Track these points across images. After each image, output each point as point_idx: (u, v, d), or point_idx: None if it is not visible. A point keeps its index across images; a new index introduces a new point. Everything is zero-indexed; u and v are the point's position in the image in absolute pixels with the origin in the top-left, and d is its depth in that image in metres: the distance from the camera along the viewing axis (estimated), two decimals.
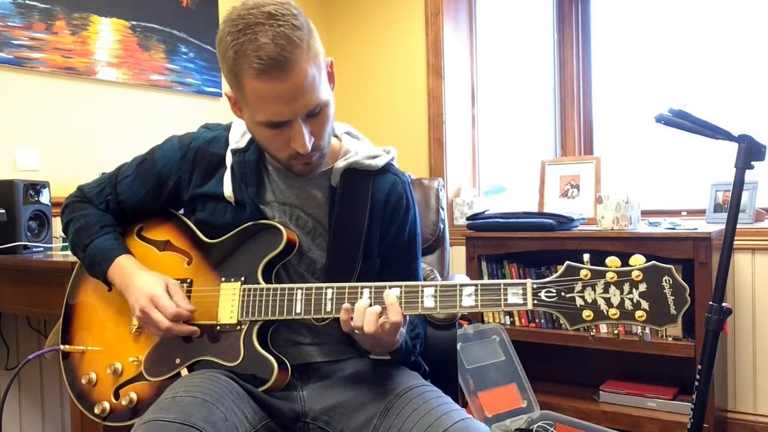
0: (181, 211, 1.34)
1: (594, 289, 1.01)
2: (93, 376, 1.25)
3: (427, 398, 1.12)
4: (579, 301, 1.01)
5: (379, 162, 1.26)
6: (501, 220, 2.62)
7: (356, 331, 1.08)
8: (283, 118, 1.08)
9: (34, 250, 2.03)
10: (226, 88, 1.14)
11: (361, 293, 1.09)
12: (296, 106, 1.07)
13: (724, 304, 1.61)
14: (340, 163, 1.23)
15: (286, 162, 1.16)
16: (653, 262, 1.00)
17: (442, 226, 1.89)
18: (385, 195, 1.26)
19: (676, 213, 2.73)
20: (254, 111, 1.09)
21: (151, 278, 1.20)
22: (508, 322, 2.68)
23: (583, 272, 1.01)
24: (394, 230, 1.28)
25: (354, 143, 1.28)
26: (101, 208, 1.33)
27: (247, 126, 1.18)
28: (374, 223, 1.24)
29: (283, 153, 1.14)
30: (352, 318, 1.08)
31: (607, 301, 1.00)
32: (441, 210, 1.91)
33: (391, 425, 1.09)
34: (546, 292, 1.02)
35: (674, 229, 2.35)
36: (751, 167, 1.60)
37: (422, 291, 1.07)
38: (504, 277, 2.70)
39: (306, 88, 1.06)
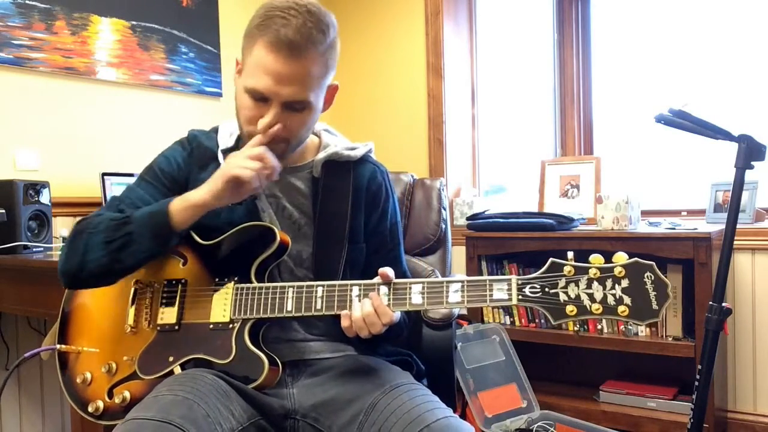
0: None
1: (577, 285, 1.03)
2: (88, 375, 1.26)
3: (413, 395, 1.13)
4: (562, 297, 1.03)
5: (358, 153, 1.33)
6: (501, 220, 2.62)
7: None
8: (266, 92, 1.14)
9: (34, 250, 2.03)
10: (239, 54, 1.22)
11: (351, 290, 1.12)
12: (283, 90, 1.14)
13: (724, 304, 1.61)
14: (321, 155, 1.29)
15: (247, 138, 1.20)
16: (635, 258, 1.02)
17: (443, 226, 1.88)
18: (365, 182, 1.32)
19: (676, 213, 2.73)
20: (248, 75, 1.16)
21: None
22: (508, 322, 2.68)
23: (566, 268, 1.04)
24: (377, 217, 1.33)
25: (332, 138, 1.35)
26: None
27: (235, 93, 1.23)
28: (357, 208, 1.30)
29: (249, 126, 1.20)
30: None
31: (590, 296, 1.03)
32: (443, 210, 1.89)
33: (375, 421, 1.10)
34: (530, 287, 1.05)
35: (674, 229, 2.35)
36: (751, 167, 1.61)
37: (410, 288, 1.10)
38: None
39: (300, 79, 1.14)
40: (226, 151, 1.28)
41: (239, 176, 1.13)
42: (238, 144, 1.29)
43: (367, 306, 1.10)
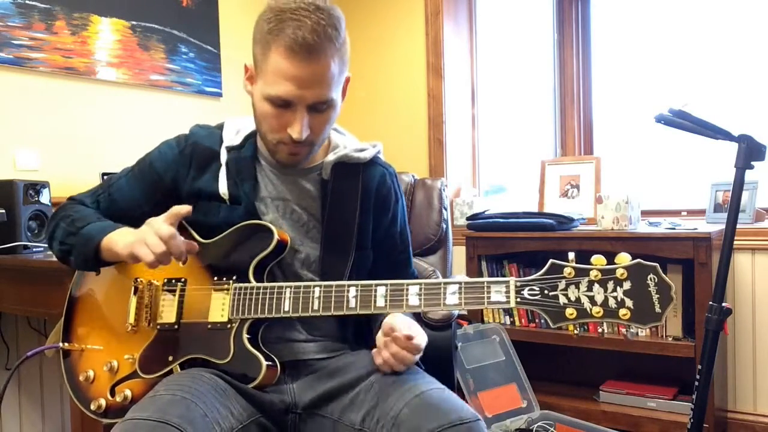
0: None
1: (578, 287, 1.00)
2: (91, 373, 1.26)
3: (409, 372, 1.15)
4: (562, 299, 1.01)
5: (367, 155, 1.31)
6: (501, 220, 2.62)
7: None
8: (290, 98, 1.12)
9: (34, 250, 2.03)
10: (248, 59, 1.20)
11: (348, 291, 1.12)
12: (307, 93, 1.12)
13: (724, 304, 1.61)
14: (330, 157, 1.27)
15: (274, 145, 1.20)
16: (638, 260, 0.99)
17: (444, 226, 1.88)
18: (375, 185, 1.31)
19: (676, 213, 2.73)
20: (268, 83, 1.13)
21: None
22: (508, 322, 2.68)
23: (566, 270, 1.01)
24: (387, 221, 1.32)
25: (341, 138, 1.34)
26: (93, 207, 1.34)
27: (253, 102, 1.21)
28: (365, 213, 1.29)
29: (275, 135, 1.18)
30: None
31: (591, 299, 1.00)
32: (444, 210, 1.89)
33: (374, 393, 1.12)
34: (529, 290, 1.03)
35: (674, 229, 2.35)
36: (751, 167, 1.60)
37: (407, 289, 1.09)
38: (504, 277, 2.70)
39: (322, 80, 1.12)
40: (231, 149, 1.28)
41: (141, 257, 1.12)
42: (245, 143, 1.29)
43: (394, 349, 1.11)
